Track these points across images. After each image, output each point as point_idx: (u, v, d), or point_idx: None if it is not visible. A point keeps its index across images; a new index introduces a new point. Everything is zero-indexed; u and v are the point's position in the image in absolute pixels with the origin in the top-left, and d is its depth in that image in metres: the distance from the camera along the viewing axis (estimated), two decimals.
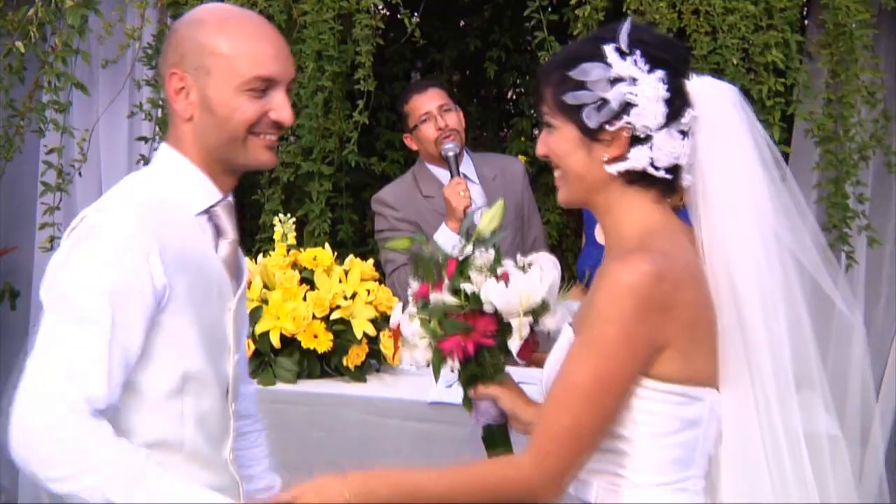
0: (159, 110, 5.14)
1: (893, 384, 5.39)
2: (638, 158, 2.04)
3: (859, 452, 4.90)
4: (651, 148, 2.03)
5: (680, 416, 2.04)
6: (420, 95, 4.84)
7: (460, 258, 2.41)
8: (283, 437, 3.13)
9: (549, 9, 4.86)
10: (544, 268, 2.38)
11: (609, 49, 2.01)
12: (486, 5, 6.57)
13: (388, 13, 5.97)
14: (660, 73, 2.01)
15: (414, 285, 2.53)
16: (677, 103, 2.04)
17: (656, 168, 2.05)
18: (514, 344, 2.36)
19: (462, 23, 7.01)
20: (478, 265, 2.40)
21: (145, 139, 5.30)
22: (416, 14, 5.22)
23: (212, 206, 2.26)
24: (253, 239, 5.16)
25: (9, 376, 5.50)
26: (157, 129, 5.19)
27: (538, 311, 2.37)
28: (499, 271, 3.10)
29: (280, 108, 2.19)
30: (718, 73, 4.62)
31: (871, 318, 5.42)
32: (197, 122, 2.19)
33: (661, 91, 2.00)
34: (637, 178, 2.07)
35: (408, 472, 2.17)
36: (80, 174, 5.28)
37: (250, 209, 6.56)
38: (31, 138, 5.27)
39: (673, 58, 2.08)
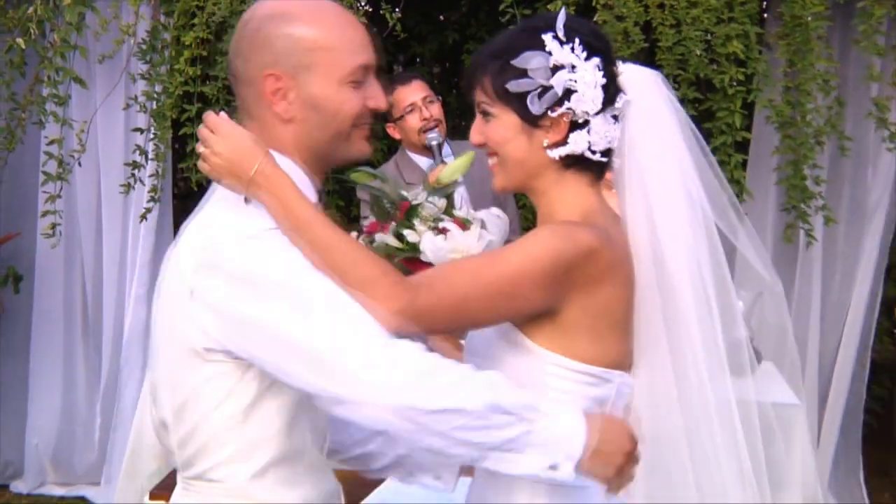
0: (153, 102, 5.14)
1: (850, 353, 5.43)
2: (577, 142, 2.01)
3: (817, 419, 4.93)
4: (589, 132, 2.01)
5: (590, 396, 2.01)
6: (405, 87, 4.84)
7: (413, 202, 2.39)
8: None
9: (523, 4, 4.83)
10: (489, 223, 2.37)
11: (548, 38, 1.97)
12: (463, 1, 6.54)
13: (370, 9, 5.96)
14: (596, 61, 1.99)
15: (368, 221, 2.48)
16: (612, 89, 2.02)
17: (593, 152, 2.03)
18: None
19: (441, 17, 6.97)
20: (423, 215, 2.38)
21: (140, 130, 5.27)
22: (397, 9, 5.19)
23: None
24: None
25: (13, 358, 5.57)
26: (152, 120, 5.18)
27: None
28: (442, 224, 3.10)
29: (377, 95, 2.03)
30: (683, 63, 4.67)
31: (827, 292, 5.45)
32: (299, 122, 1.99)
33: (599, 77, 1.99)
34: (574, 163, 2.05)
35: (310, 206, 1.93)
36: (79, 164, 5.25)
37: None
38: (32, 130, 5.26)
39: (604, 46, 2.06)
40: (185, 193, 5.81)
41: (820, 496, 3.78)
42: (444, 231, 2.59)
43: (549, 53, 1.98)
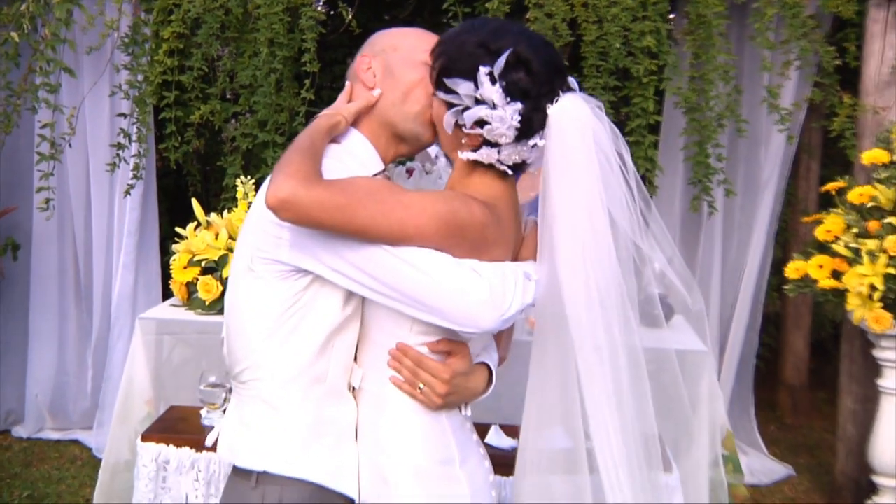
0: (136, 90, 5.11)
1: (745, 308, 5.49)
2: (487, 156, 1.99)
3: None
4: (499, 152, 1.99)
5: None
6: None
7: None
8: None
9: (464, 3, 4.80)
10: (444, 173, 2.34)
11: (483, 73, 1.93)
12: (409, 0, 6.48)
13: (328, 11, 5.92)
14: (518, 106, 1.94)
15: None
16: (528, 130, 1.97)
17: (502, 164, 2.01)
18: None
19: (387, 17, 6.89)
20: None
21: (124, 115, 5.22)
22: (352, 7, 5.15)
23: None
24: (218, 198, 5.09)
25: (13, 318, 5.52)
26: (135, 106, 5.13)
27: None
28: (409, 164, 3.05)
29: None
30: (604, 55, 4.67)
31: (726, 255, 5.53)
32: None
33: (514, 121, 1.93)
34: (484, 165, 2.04)
35: (318, 126, 2.01)
36: (69, 145, 5.23)
37: (214, 174, 6.51)
38: (26, 115, 5.20)
39: (543, 90, 1.98)
40: (164, 171, 5.76)
41: (727, 424, 3.83)
42: (410, 171, 2.57)
43: (479, 86, 1.94)
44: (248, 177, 4.24)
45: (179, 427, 3.13)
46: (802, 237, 5.62)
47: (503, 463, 2.90)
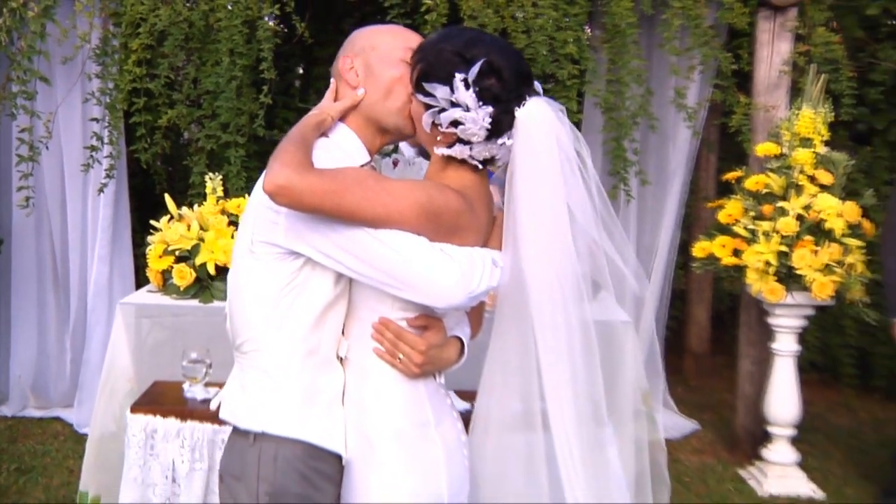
0: (107, 97, 5.06)
1: (657, 284, 5.55)
2: (460, 152, 2.00)
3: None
4: (471, 149, 2.00)
5: None
6: None
7: None
8: (222, 346, 3.07)
9: (405, 16, 4.81)
10: (425, 165, 2.35)
11: (458, 79, 1.93)
12: (356, 12, 6.45)
13: (282, 23, 5.90)
14: (490, 109, 1.94)
15: None
16: (498, 131, 1.97)
17: (474, 160, 2.01)
18: None
19: (331, 27, 6.86)
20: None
21: (97, 119, 5.14)
22: (304, 20, 5.14)
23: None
24: (183, 195, 5.04)
25: None
26: (106, 111, 5.08)
27: None
28: (395, 156, 3.03)
29: None
30: (532, 61, 4.68)
31: (640, 237, 5.60)
32: None
33: (486, 123, 1.94)
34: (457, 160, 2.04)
35: (309, 122, 1.99)
36: (46, 147, 5.14)
37: (178, 173, 6.44)
38: (5, 121, 5.15)
39: (511, 95, 1.98)
40: (135, 171, 5.68)
41: (646, 384, 3.88)
42: (395, 162, 2.60)
43: (454, 90, 1.94)
44: (215, 173, 4.22)
45: (164, 399, 3.12)
46: (704, 221, 5.72)
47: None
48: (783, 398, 4.78)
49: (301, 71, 7.05)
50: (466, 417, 2.21)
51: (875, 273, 4.55)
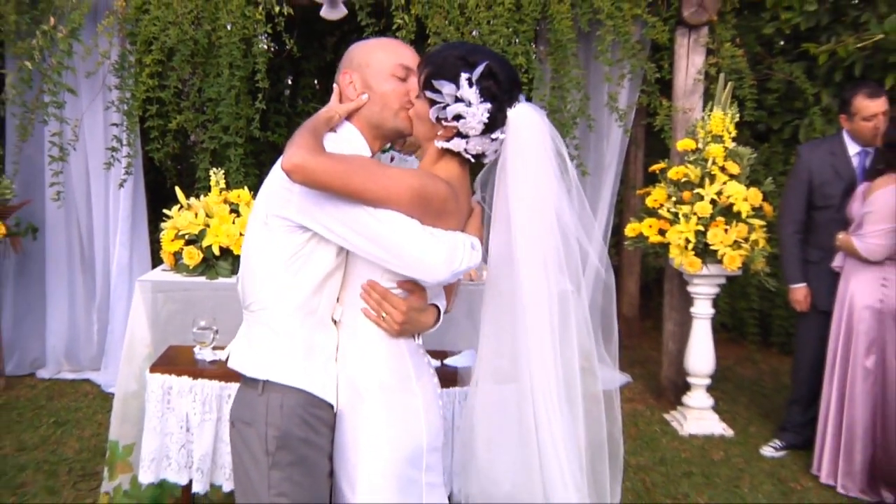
0: (125, 105, 4.99)
1: (593, 262, 5.55)
2: (457, 145, 2.00)
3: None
4: (467, 142, 2.00)
5: None
6: None
7: None
8: (227, 315, 3.05)
9: (379, 34, 4.77)
10: (415, 162, 2.33)
11: (463, 77, 1.94)
12: (336, 30, 6.38)
13: (275, 43, 5.84)
14: (488, 105, 1.95)
15: None
16: (493, 126, 1.98)
17: (468, 152, 2.01)
18: None
19: (320, 44, 6.82)
20: None
21: (116, 124, 5.10)
22: (292, 38, 5.08)
23: None
24: (190, 189, 4.99)
25: (33, 285, 5.37)
26: (125, 117, 5.01)
27: None
28: (391, 153, 2.99)
29: None
30: None
31: (581, 221, 5.56)
32: None
33: (484, 117, 1.95)
34: (454, 152, 2.04)
35: (319, 118, 2.00)
36: (73, 149, 5.11)
37: (185, 170, 6.37)
38: (38, 126, 5.09)
39: (505, 96, 2.00)
40: (149, 168, 5.64)
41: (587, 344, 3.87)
42: (392, 157, 2.60)
43: (459, 87, 1.95)
44: (218, 168, 4.18)
45: (178, 361, 3.08)
46: (633, 206, 5.74)
47: (446, 378, 2.93)
48: (700, 354, 4.81)
49: (290, 81, 6.96)
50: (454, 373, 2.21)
51: (774, 248, 4.60)
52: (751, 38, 5.87)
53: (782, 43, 6.14)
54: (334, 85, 2.12)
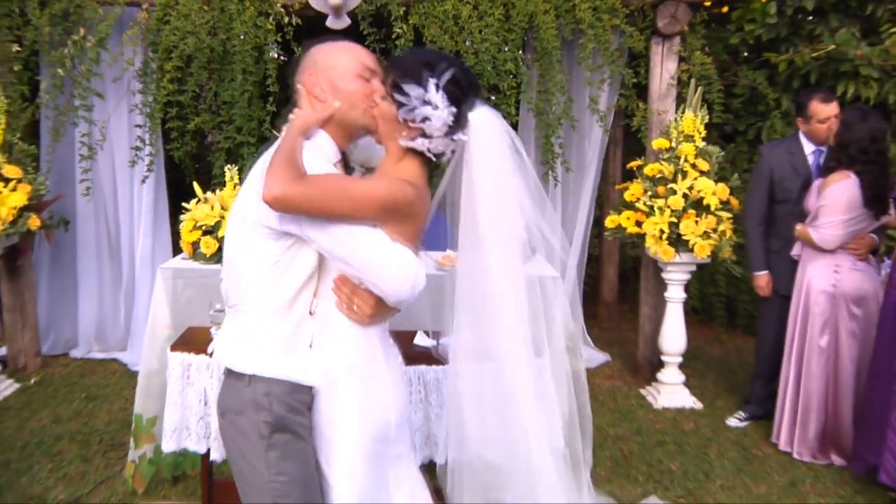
0: (148, 108, 4.96)
1: (577, 249, 5.57)
2: (421, 144, 1.97)
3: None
4: (430, 142, 1.97)
5: None
6: None
7: None
8: None
9: (380, 41, 4.76)
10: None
11: (431, 82, 1.92)
12: (341, 39, 6.29)
13: (283, 50, 5.80)
14: (453, 109, 1.94)
15: None
16: (455, 127, 1.96)
17: (430, 151, 1.99)
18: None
19: None
20: None
21: (139, 126, 5.07)
22: (300, 45, 5.06)
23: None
24: (209, 183, 4.97)
25: (66, 272, 5.36)
26: (147, 119, 4.98)
27: None
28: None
29: None
30: (480, 76, 4.67)
31: (565, 212, 5.58)
32: None
33: (449, 119, 1.93)
34: (415, 152, 2.01)
35: (294, 138, 1.92)
36: (101, 148, 5.11)
37: (204, 166, 6.34)
38: (69, 128, 5.07)
39: (467, 100, 1.99)
40: (170, 166, 5.59)
41: (572, 326, 3.88)
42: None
43: (426, 91, 1.92)
44: (233, 164, 4.17)
45: (196, 341, 3.08)
46: (613, 200, 5.72)
47: (428, 356, 2.93)
48: (672, 334, 4.82)
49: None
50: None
51: (739, 238, 4.60)
52: (718, 47, 5.88)
53: (746, 53, 6.14)
54: (298, 85, 2.06)
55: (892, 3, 5.60)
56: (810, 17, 5.89)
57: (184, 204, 3.95)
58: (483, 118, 2.03)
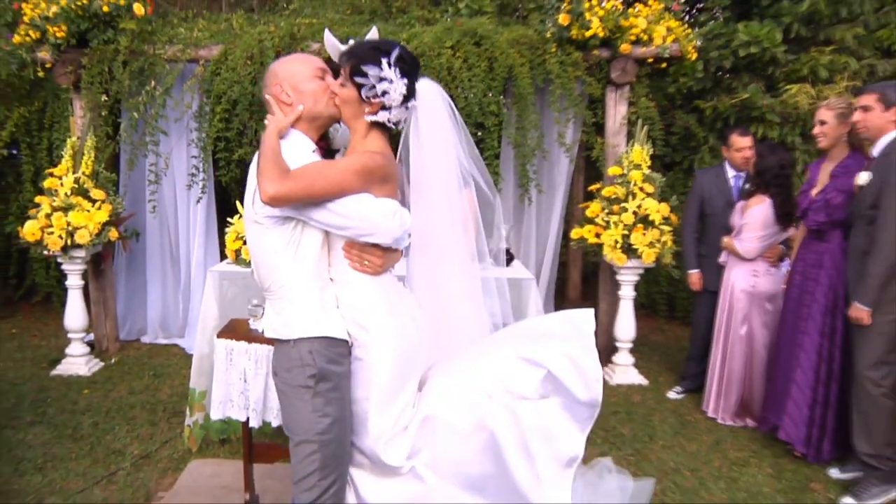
0: (202, 142, 4.97)
1: (549, 258, 5.53)
2: (383, 116, 1.97)
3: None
4: (390, 113, 1.96)
5: None
6: None
7: None
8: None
9: None
10: None
11: (384, 61, 1.92)
12: None
13: None
14: (405, 80, 1.94)
15: None
16: (409, 97, 1.96)
17: (390, 121, 1.99)
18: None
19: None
20: None
21: (195, 157, 5.11)
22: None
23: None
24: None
25: (137, 275, 5.35)
26: (201, 151, 5.00)
27: None
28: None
29: None
30: (468, 115, 4.64)
31: (539, 228, 5.52)
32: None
33: (403, 90, 1.94)
34: (378, 125, 2.00)
35: (272, 138, 1.88)
36: (165, 174, 5.14)
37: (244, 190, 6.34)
38: (141, 159, 5.10)
39: (415, 71, 1.99)
40: (219, 189, 5.60)
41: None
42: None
43: (382, 69, 1.92)
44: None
45: (238, 330, 3.07)
46: (577, 216, 5.71)
47: None
48: (625, 325, 4.83)
49: None
50: None
51: (678, 247, 4.61)
52: (659, 95, 5.91)
53: (680, 100, 6.21)
54: (266, 97, 2.04)
55: (786, 67, 5.81)
56: (728, 74, 6.09)
57: (229, 219, 3.96)
58: (426, 86, 2.04)
